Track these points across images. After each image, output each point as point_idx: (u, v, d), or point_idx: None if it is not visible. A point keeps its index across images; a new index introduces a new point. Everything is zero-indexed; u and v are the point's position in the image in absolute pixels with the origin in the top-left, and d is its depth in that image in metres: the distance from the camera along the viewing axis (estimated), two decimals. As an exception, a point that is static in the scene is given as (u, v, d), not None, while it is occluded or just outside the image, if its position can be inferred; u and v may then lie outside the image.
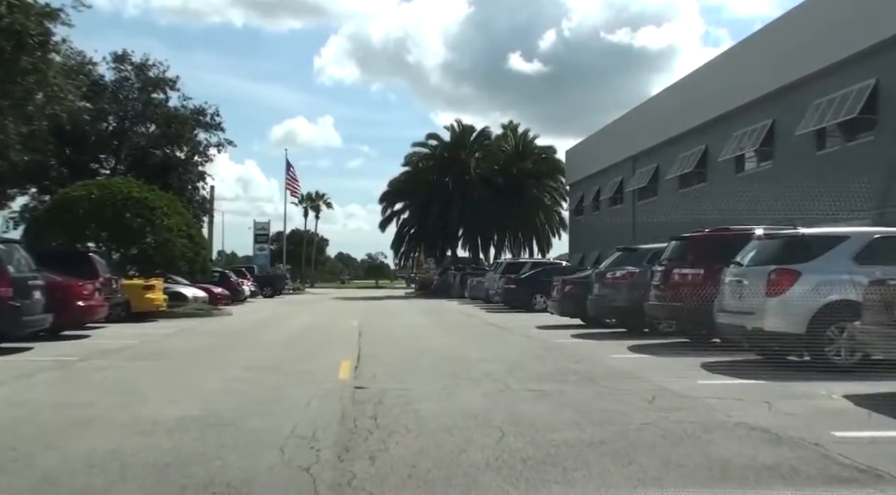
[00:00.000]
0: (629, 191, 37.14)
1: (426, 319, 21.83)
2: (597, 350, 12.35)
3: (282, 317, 23.87)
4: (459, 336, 15.68)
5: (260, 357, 11.71)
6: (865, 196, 19.10)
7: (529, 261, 30.05)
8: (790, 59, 23.20)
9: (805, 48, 22.46)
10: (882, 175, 19.34)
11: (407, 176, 52.88)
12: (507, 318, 21.54)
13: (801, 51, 22.60)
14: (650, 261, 14.81)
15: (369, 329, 17.75)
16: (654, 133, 33.83)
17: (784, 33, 24.47)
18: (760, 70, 24.89)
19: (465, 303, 33.58)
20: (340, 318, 22.55)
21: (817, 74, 22.32)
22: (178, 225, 22.64)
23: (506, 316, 23.12)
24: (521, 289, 25.84)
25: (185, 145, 33.82)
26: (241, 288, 34.90)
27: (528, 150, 52.24)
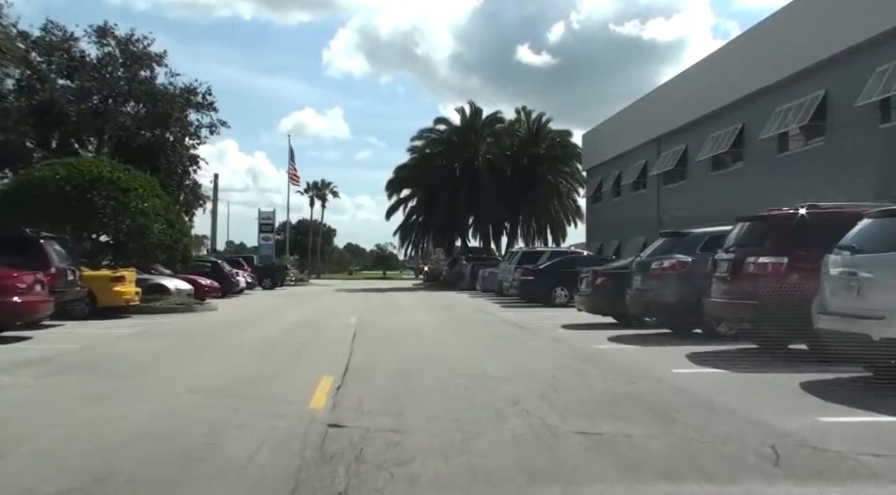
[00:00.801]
0: (653, 175, 34.41)
1: (434, 316, 19.27)
2: (650, 361, 9.74)
3: (272, 312, 21.35)
4: (472, 339, 13.10)
5: (217, 371, 9.16)
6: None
7: (547, 251, 27.42)
8: (848, 20, 20.43)
9: (869, 5, 19.68)
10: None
11: (414, 162, 50.10)
12: (526, 315, 18.95)
13: (864, 8, 19.82)
14: (705, 247, 12.18)
15: (367, 328, 15.21)
16: (682, 112, 31.08)
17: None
18: (811, 35, 22.10)
19: (477, 296, 31.01)
20: (337, 314, 20.03)
21: (883, 37, 19.52)
22: (154, 208, 20.12)
23: (524, 311, 20.52)
24: (540, 282, 23.24)
25: (174, 126, 31.22)
26: (236, 279, 32.41)
27: (542, 134, 49.42)
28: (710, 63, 30.31)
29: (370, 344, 12.10)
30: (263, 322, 17.44)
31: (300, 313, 20.56)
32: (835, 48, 21.15)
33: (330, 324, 16.56)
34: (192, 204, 34.94)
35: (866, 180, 18.84)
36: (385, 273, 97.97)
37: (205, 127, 33.00)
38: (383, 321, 17.54)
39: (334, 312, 21.14)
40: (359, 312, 20.46)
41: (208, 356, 10.81)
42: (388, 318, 18.42)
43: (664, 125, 33.06)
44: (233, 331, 14.70)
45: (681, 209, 30.14)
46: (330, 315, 19.93)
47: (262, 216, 69.90)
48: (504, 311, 20.65)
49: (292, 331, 14.42)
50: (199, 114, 32.86)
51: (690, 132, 30.89)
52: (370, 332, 14.20)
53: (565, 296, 22.86)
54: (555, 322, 16.13)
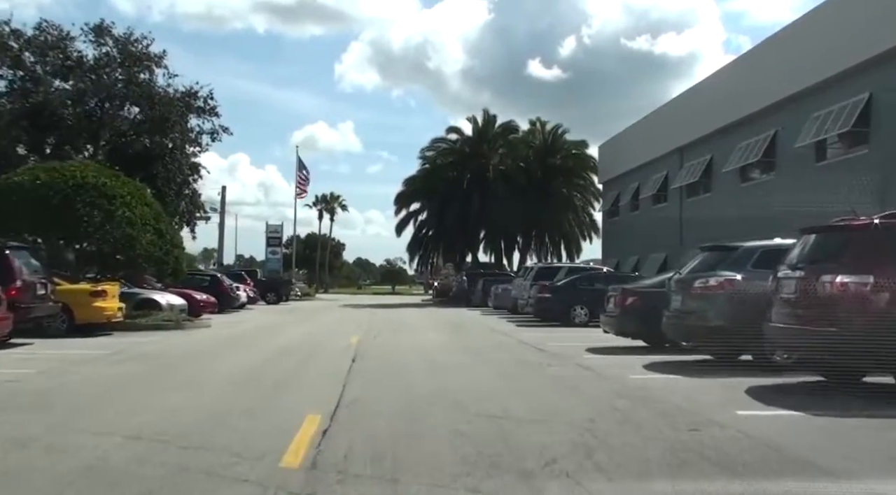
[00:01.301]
0: (675, 188, 32.74)
1: (444, 337, 17.65)
2: (703, 398, 8.08)
3: (269, 330, 19.78)
4: (489, 365, 11.46)
5: (181, 406, 7.56)
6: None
7: (565, 266, 25.77)
8: (894, 16, 18.82)
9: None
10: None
11: (424, 173, 48.46)
12: (545, 336, 17.29)
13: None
14: (758, 264, 10.54)
15: (369, 351, 13.61)
16: (707, 120, 29.47)
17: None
18: (852, 34, 20.50)
19: (489, 314, 29.34)
20: (339, 333, 18.44)
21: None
22: (143, 217, 18.64)
23: (542, 332, 18.86)
24: (558, 299, 21.58)
25: (173, 131, 29.81)
26: (235, 294, 30.89)
27: (557, 145, 47.76)
28: (738, 67, 28.70)
29: (370, 372, 10.49)
30: (255, 342, 15.86)
31: (298, 332, 18.99)
32: (881, 47, 19.51)
33: (328, 345, 14.95)
34: (192, 214, 33.48)
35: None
36: (394, 288, 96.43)
37: (206, 133, 31.63)
38: (387, 343, 15.92)
39: (335, 331, 19.56)
40: (362, 331, 18.88)
41: (178, 385, 9.21)
42: (393, 339, 16.81)
43: (688, 134, 31.45)
44: (217, 353, 13.11)
45: (706, 222, 28.55)
46: (330, 334, 18.34)
47: (269, 229, 68.64)
48: (520, 332, 18.99)
49: (284, 354, 12.82)
50: (200, 119, 31.51)
51: (716, 141, 29.25)
52: (372, 357, 12.60)
53: (585, 315, 21.27)
54: (578, 345, 14.49)
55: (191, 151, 32.46)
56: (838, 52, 21.12)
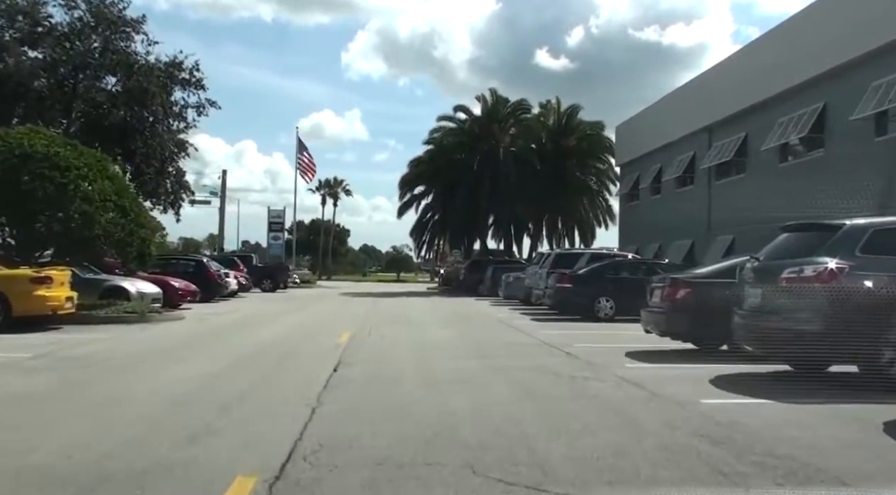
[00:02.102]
0: (703, 169, 30.03)
1: (450, 333, 15.09)
2: (831, 442, 5.49)
3: (249, 323, 17.26)
4: (506, 378, 8.88)
5: (58, 449, 4.99)
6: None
7: (587, 253, 23.12)
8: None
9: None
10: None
11: (430, 155, 45.66)
12: (569, 334, 14.72)
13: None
14: (868, 247, 7.92)
15: (358, 354, 11.06)
16: (742, 94, 26.72)
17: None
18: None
19: (500, 305, 26.79)
20: (328, 328, 15.92)
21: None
22: (103, 193, 16.09)
23: (564, 329, 16.28)
24: (581, 290, 18.98)
25: (152, 103, 27.13)
26: (223, 281, 28.35)
27: (571, 126, 44.90)
28: (779, 35, 25.89)
29: (351, 389, 7.92)
30: (224, 340, 13.31)
31: (283, 326, 16.47)
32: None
33: (310, 346, 12.40)
34: (178, 195, 30.92)
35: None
36: (399, 275, 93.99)
37: (191, 106, 28.94)
38: (383, 341, 13.35)
39: (326, 325, 17.03)
40: (356, 325, 16.37)
41: (78, 411, 6.64)
42: (390, 336, 14.23)
43: (718, 110, 28.70)
44: (167, 358, 10.54)
45: (739, 206, 25.93)
46: (319, 329, 15.80)
47: (271, 214, 66.35)
48: (539, 328, 16.39)
49: (250, 360, 10.27)
50: (185, 92, 28.84)
51: (752, 117, 26.52)
52: (359, 363, 10.03)
53: (611, 309, 18.73)
54: (612, 347, 11.97)
55: (176, 127, 29.85)
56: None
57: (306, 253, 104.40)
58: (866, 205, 17.75)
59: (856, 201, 17.92)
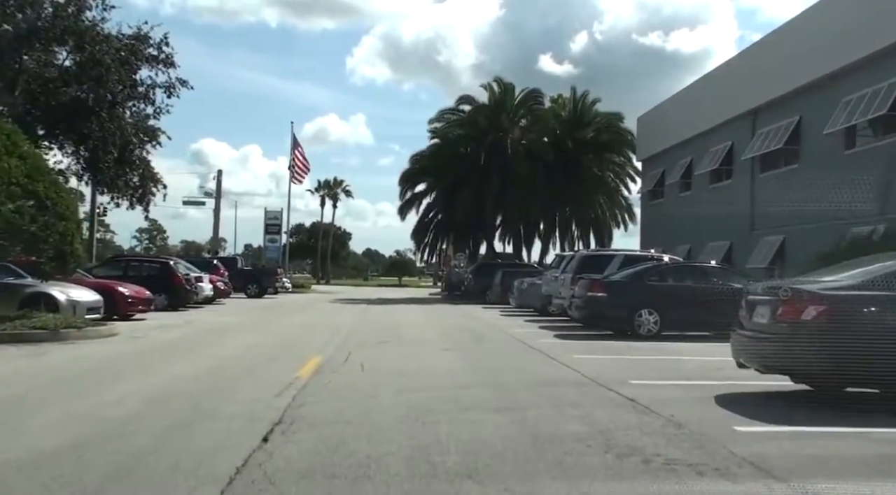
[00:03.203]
0: (745, 160, 26.24)
1: (456, 360, 11.31)
2: None
3: (191, 345, 13.45)
4: (554, 457, 5.11)
5: None
6: None
7: (619, 254, 19.28)
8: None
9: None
10: None
11: (433, 149, 41.79)
12: (615, 361, 11.01)
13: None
14: None
15: (318, 403, 7.34)
16: (795, 72, 22.96)
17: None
18: None
19: (513, 315, 23.08)
20: (294, 351, 12.15)
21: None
22: (7, 174, 12.38)
23: (603, 351, 12.54)
24: (617, 300, 15.22)
25: (108, 78, 23.31)
26: (194, 286, 24.63)
27: (587, 117, 41.05)
28: (840, 3, 22.08)
29: (303, 462, 4.18)
30: (124, 378, 9.38)
31: (232, 348, 12.71)
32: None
33: (249, 387, 8.56)
34: (146, 188, 27.22)
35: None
36: (401, 280, 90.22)
37: (159, 86, 25.19)
38: (359, 378, 9.49)
39: (293, 345, 13.25)
40: (334, 346, 12.67)
41: None
42: (371, 366, 10.43)
43: (764, 92, 24.94)
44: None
45: (789, 203, 22.22)
46: (280, 353, 12.02)
47: (268, 216, 62.75)
48: (570, 350, 12.60)
49: (122, 427, 6.44)
50: (153, 70, 25.10)
51: (808, 97, 22.75)
52: (311, 426, 6.21)
53: (654, 323, 15.01)
54: (688, 387, 8.38)
55: (143, 110, 26.15)
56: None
57: (307, 256, 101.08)
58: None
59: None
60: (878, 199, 19.23)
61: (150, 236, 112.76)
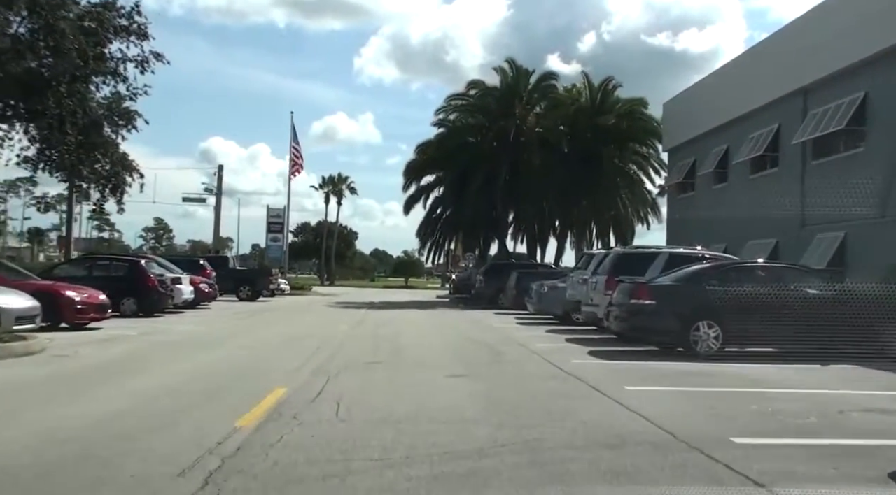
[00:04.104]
0: (795, 145, 23.08)
1: (467, 391, 8.28)
2: None
3: (121, 369, 10.34)
4: None
5: None
6: None
7: (663, 252, 16.12)
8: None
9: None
10: None
11: (441, 139, 38.66)
12: (678, 393, 8.05)
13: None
14: None
15: (260, 466, 4.36)
16: (858, 41, 19.81)
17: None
18: None
19: (530, 322, 20.11)
20: (253, 381, 9.11)
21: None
22: None
23: (657, 377, 9.50)
24: (668, 309, 12.19)
25: (66, 48, 20.31)
26: (169, 288, 21.67)
27: (608, 103, 37.79)
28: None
29: None
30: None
31: (181, 371, 9.74)
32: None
33: (156, 446, 5.57)
34: (120, 179, 24.30)
35: None
36: (407, 281, 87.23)
37: (131, 61, 22.21)
38: (332, 429, 6.43)
39: (262, 367, 10.24)
40: (313, 367, 9.79)
41: None
42: (358, 399, 7.41)
43: (818, 67, 21.79)
44: None
45: (850, 194, 19.16)
46: (238, 379, 9.04)
47: (270, 213, 60.17)
48: (616, 376, 9.56)
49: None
50: (124, 42, 22.13)
51: (875, 70, 19.60)
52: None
53: (716, 338, 11.97)
54: (817, 446, 5.33)
55: (113, 89, 23.19)
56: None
57: (312, 256, 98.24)
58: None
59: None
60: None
61: (156, 236, 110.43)
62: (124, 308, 20.21)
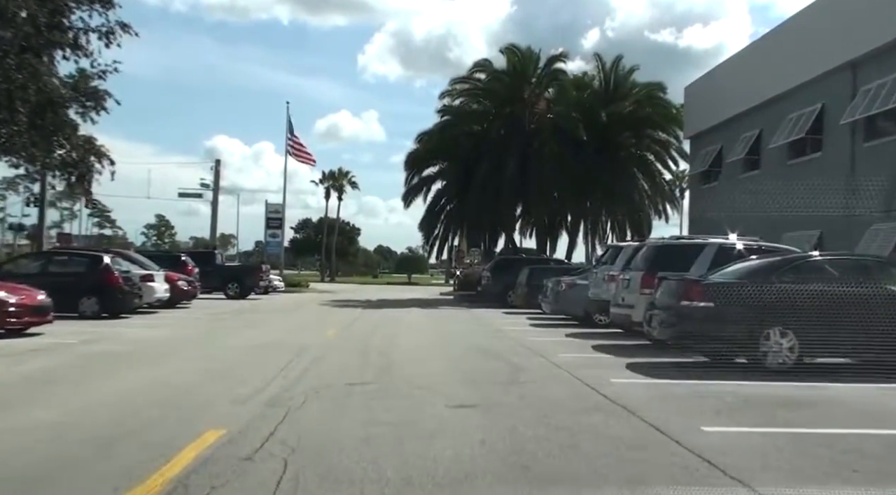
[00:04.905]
0: (843, 126, 20.51)
1: (478, 433, 5.74)
2: None
3: (5, 401, 7.94)
4: None
5: None
6: None
7: (711, 243, 13.49)
8: None
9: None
10: None
11: (444, 127, 36.04)
12: (777, 436, 5.41)
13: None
14: None
15: None
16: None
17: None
18: None
19: (546, 325, 17.62)
20: (195, 407, 6.65)
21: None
22: None
23: (736, 409, 6.93)
24: (733, 314, 9.66)
25: (12, 13, 17.67)
26: (135, 288, 19.17)
27: (623, 88, 35.12)
28: None
29: None
30: None
31: (85, 402, 7.26)
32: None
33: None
34: (87, 165, 21.79)
35: None
36: (410, 277, 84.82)
37: (93, 31, 19.72)
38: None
39: (203, 394, 7.73)
40: (272, 392, 7.35)
41: None
42: (322, 450, 4.93)
43: (873, 35, 19.21)
44: None
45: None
46: (160, 417, 6.52)
47: (269, 209, 57.93)
48: (678, 406, 7.06)
49: None
50: (86, 11, 19.65)
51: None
52: None
53: (790, 349, 9.83)
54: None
55: (77, 66, 20.69)
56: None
57: (315, 252, 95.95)
58: None
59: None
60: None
61: (157, 232, 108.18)
62: (84, 308, 17.84)
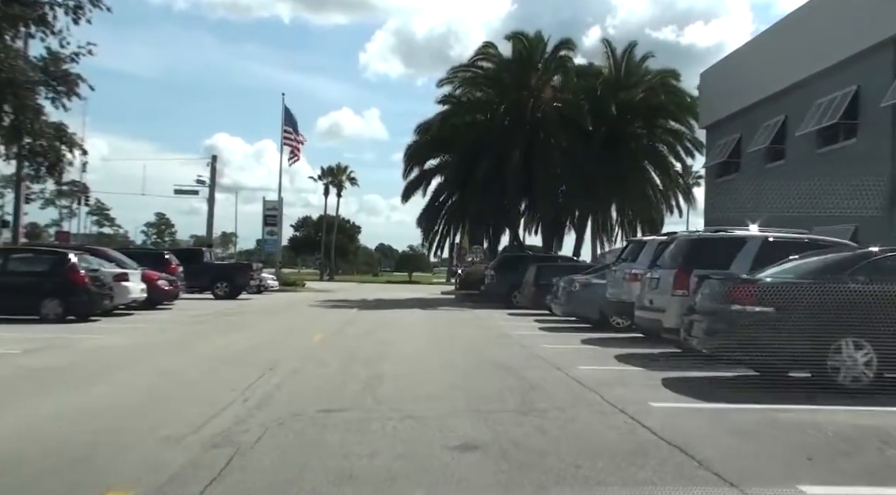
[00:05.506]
0: (885, 107, 18.72)
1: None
2: None
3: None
4: None
5: None
6: None
7: (754, 236, 11.67)
8: None
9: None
10: None
11: (445, 116, 34.19)
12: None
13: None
14: None
15: None
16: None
17: None
18: None
19: (557, 329, 15.87)
20: (107, 456, 4.87)
21: None
22: None
23: (860, 458, 5.14)
24: (795, 322, 7.88)
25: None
26: (105, 289, 17.39)
27: (634, 76, 33.28)
28: None
29: None
30: None
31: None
32: None
33: None
34: (58, 155, 20.10)
35: None
36: (411, 276, 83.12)
37: (59, 5, 17.99)
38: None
39: (128, 433, 5.94)
40: (224, 425, 5.50)
41: None
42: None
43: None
44: None
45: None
46: (54, 469, 4.75)
47: (266, 206, 56.24)
48: (744, 439, 5.28)
49: None
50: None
51: None
52: None
53: (867, 364, 8.08)
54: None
55: (41, 41, 19.01)
56: None
57: (315, 251, 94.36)
58: None
59: None
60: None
61: (157, 230, 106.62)
62: (46, 311, 16.13)
